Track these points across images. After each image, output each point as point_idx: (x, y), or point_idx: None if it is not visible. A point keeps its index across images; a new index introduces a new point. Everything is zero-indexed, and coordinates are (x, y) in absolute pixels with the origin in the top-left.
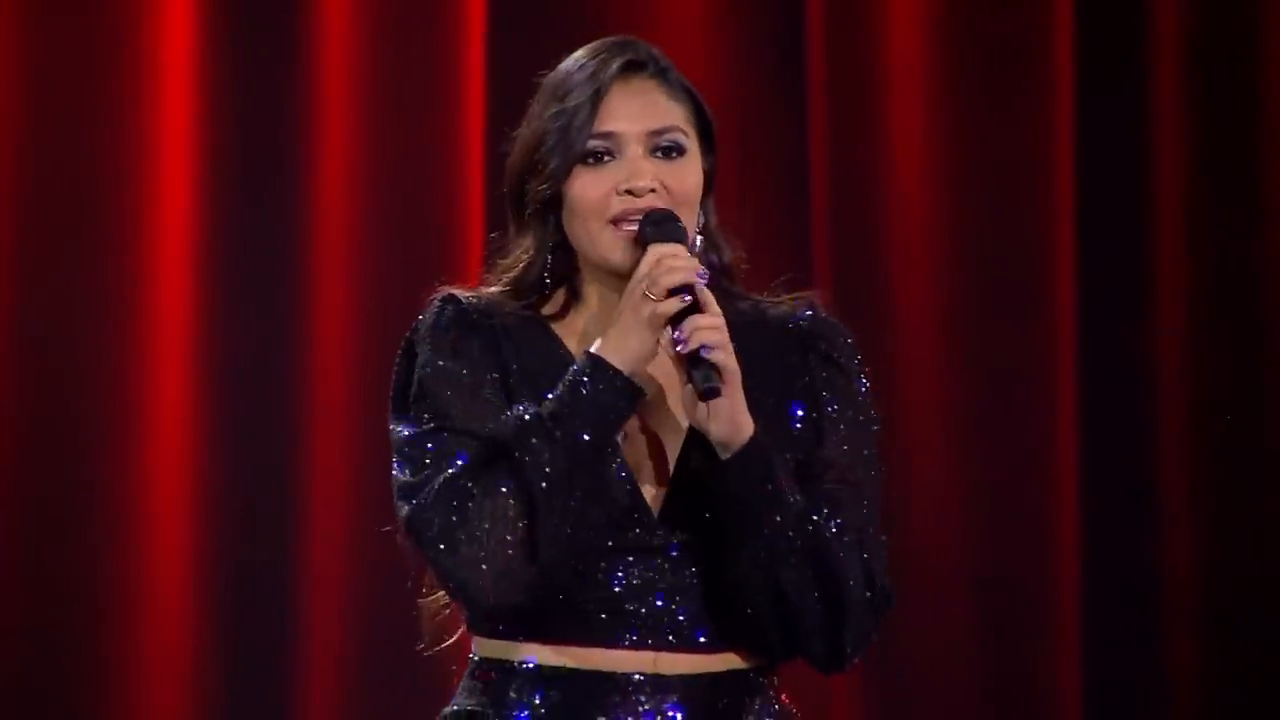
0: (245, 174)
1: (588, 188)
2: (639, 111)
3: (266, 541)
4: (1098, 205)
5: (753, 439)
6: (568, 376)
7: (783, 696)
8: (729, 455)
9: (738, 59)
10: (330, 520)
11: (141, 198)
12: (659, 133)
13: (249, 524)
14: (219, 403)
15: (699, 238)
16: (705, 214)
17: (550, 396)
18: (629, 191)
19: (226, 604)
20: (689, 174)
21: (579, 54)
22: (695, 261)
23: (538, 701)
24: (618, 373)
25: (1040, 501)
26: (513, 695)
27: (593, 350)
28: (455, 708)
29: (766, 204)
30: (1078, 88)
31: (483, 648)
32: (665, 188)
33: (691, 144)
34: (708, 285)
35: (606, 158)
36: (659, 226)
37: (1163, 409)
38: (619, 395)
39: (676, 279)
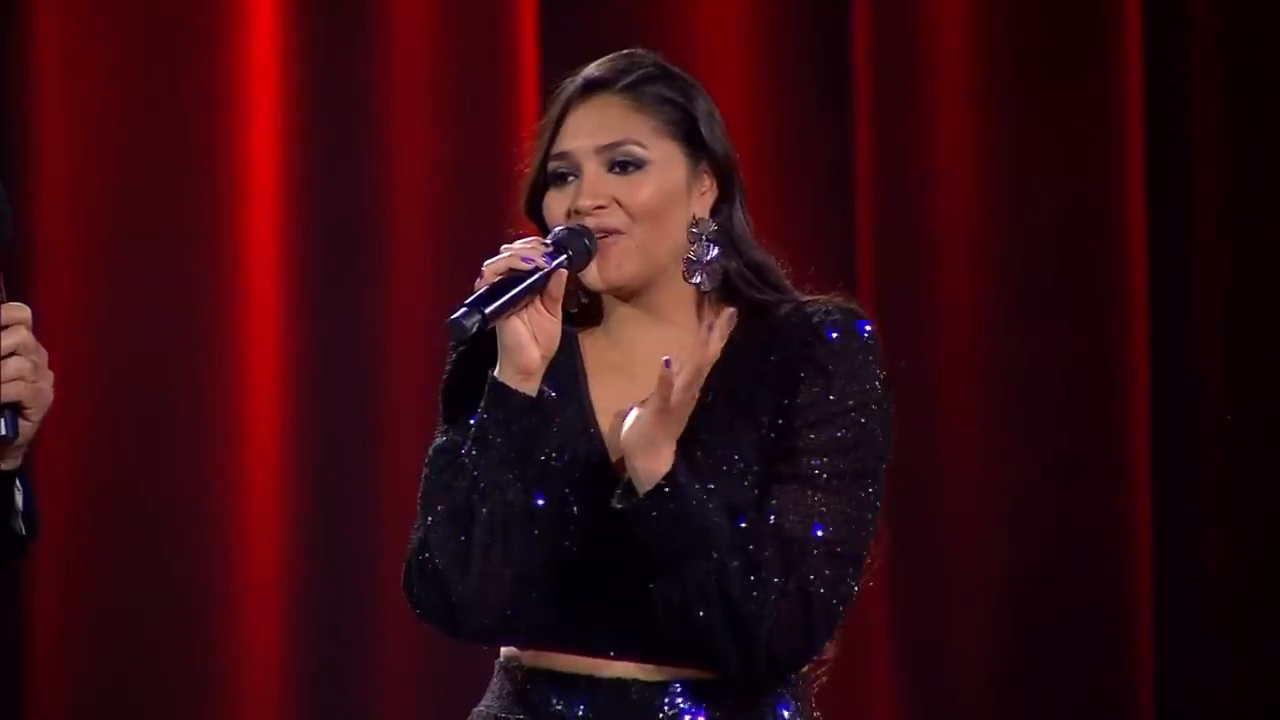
0: (328, 178)
1: (553, 207)
2: (595, 128)
3: (353, 542)
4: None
5: (668, 477)
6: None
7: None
8: (641, 494)
9: (783, 64)
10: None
11: (229, 199)
12: (609, 147)
13: (335, 525)
14: (307, 404)
15: (712, 245)
16: (724, 220)
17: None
18: (576, 211)
19: (313, 603)
20: (645, 186)
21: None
22: (524, 248)
23: (500, 698)
24: (501, 386)
25: (1113, 507)
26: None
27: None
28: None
29: (812, 212)
30: (1146, 95)
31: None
32: (618, 203)
33: (656, 155)
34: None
35: (570, 177)
36: (566, 238)
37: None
38: (505, 409)
39: (497, 266)
